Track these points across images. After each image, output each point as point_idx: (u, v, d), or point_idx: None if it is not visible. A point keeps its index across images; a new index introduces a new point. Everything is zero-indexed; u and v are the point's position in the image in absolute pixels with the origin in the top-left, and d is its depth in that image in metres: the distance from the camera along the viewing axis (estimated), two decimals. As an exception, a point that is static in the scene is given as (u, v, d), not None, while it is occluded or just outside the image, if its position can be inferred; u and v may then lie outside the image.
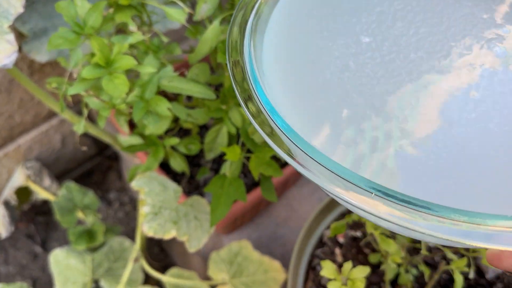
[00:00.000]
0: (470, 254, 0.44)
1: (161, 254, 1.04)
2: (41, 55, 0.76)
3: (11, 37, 0.54)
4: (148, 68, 0.43)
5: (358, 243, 0.57)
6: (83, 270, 0.76)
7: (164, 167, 0.64)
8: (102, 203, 1.09)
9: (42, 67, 0.83)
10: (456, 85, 0.24)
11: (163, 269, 0.70)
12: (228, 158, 0.53)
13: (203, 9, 0.47)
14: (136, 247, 0.60)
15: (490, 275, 0.54)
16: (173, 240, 1.00)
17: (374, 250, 0.56)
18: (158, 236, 0.46)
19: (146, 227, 0.45)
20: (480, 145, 0.22)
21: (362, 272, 0.40)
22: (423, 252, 0.40)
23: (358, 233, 0.57)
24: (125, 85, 0.41)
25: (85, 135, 1.04)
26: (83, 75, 0.40)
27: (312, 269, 0.57)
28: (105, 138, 0.70)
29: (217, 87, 0.71)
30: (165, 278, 0.66)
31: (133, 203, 1.11)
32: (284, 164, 0.64)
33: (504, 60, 0.25)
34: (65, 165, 1.06)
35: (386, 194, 0.20)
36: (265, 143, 0.55)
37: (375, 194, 0.20)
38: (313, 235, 0.59)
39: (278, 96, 0.25)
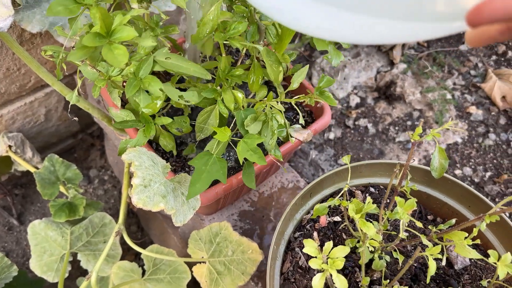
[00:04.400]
0: (444, 243, 0.46)
1: (138, 232, 1.05)
2: (32, 25, 0.75)
3: (8, 0, 0.54)
4: (147, 41, 0.44)
5: (336, 229, 0.60)
6: (61, 243, 0.76)
7: (152, 144, 0.65)
8: (82, 180, 1.08)
9: (31, 37, 0.82)
10: None
11: (140, 247, 0.71)
12: (217, 138, 0.55)
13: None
14: (119, 221, 0.61)
15: (458, 266, 0.57)
16: (152, 219, 1.01)
17: (351, 236, 0.58)
18: (147, 208, 0.46)
19: (136, 199, 0.46)
20: None
21: (342, 251, 0.42)
22: (402, 235, 0.42)
23: (337, 218, 0.59)
24: (125, 56, 0.41)
25: (70, 111, 1.04)
26: (84, 43, 0.41)
27: (291, 251, 0.59)
28: (93, 112, 0.70)
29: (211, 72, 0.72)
30: (145, 252, 0.67)
31: (112, 181, 1.11)
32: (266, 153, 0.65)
33: None
34: (47, 139, 1.05)
35: None
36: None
37: None
38: (293, 219, 0.61)
39: None
